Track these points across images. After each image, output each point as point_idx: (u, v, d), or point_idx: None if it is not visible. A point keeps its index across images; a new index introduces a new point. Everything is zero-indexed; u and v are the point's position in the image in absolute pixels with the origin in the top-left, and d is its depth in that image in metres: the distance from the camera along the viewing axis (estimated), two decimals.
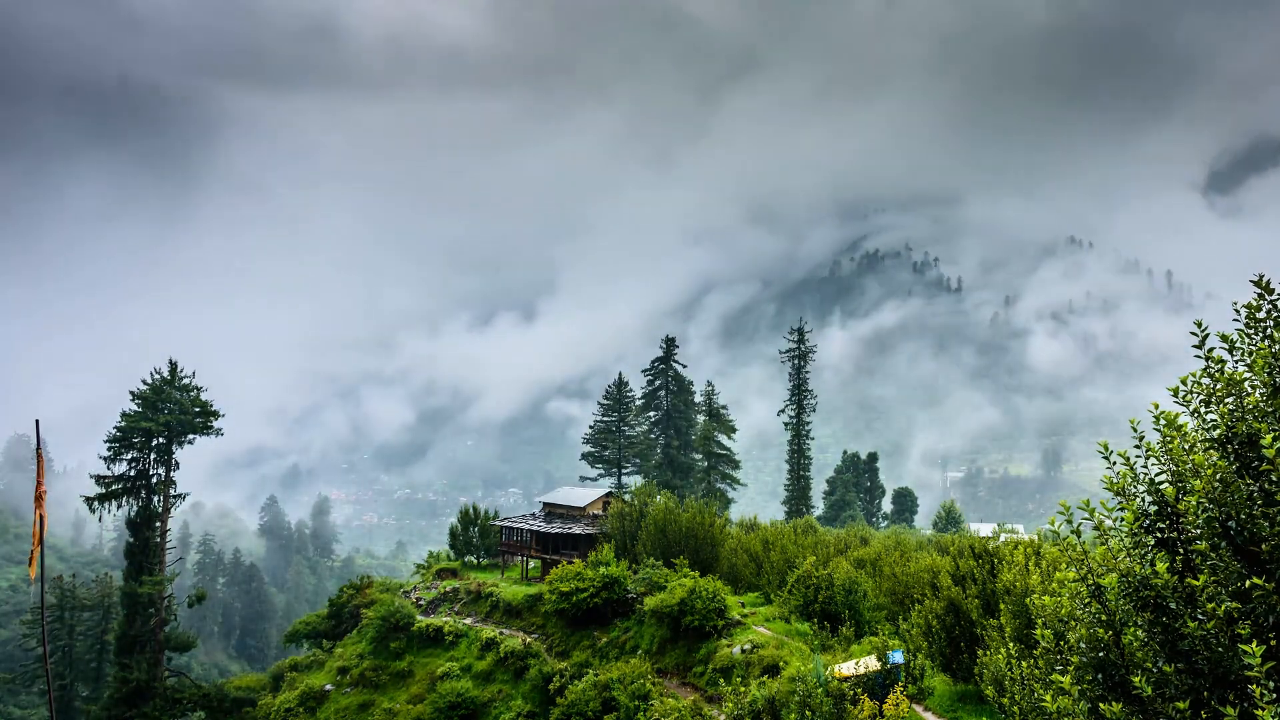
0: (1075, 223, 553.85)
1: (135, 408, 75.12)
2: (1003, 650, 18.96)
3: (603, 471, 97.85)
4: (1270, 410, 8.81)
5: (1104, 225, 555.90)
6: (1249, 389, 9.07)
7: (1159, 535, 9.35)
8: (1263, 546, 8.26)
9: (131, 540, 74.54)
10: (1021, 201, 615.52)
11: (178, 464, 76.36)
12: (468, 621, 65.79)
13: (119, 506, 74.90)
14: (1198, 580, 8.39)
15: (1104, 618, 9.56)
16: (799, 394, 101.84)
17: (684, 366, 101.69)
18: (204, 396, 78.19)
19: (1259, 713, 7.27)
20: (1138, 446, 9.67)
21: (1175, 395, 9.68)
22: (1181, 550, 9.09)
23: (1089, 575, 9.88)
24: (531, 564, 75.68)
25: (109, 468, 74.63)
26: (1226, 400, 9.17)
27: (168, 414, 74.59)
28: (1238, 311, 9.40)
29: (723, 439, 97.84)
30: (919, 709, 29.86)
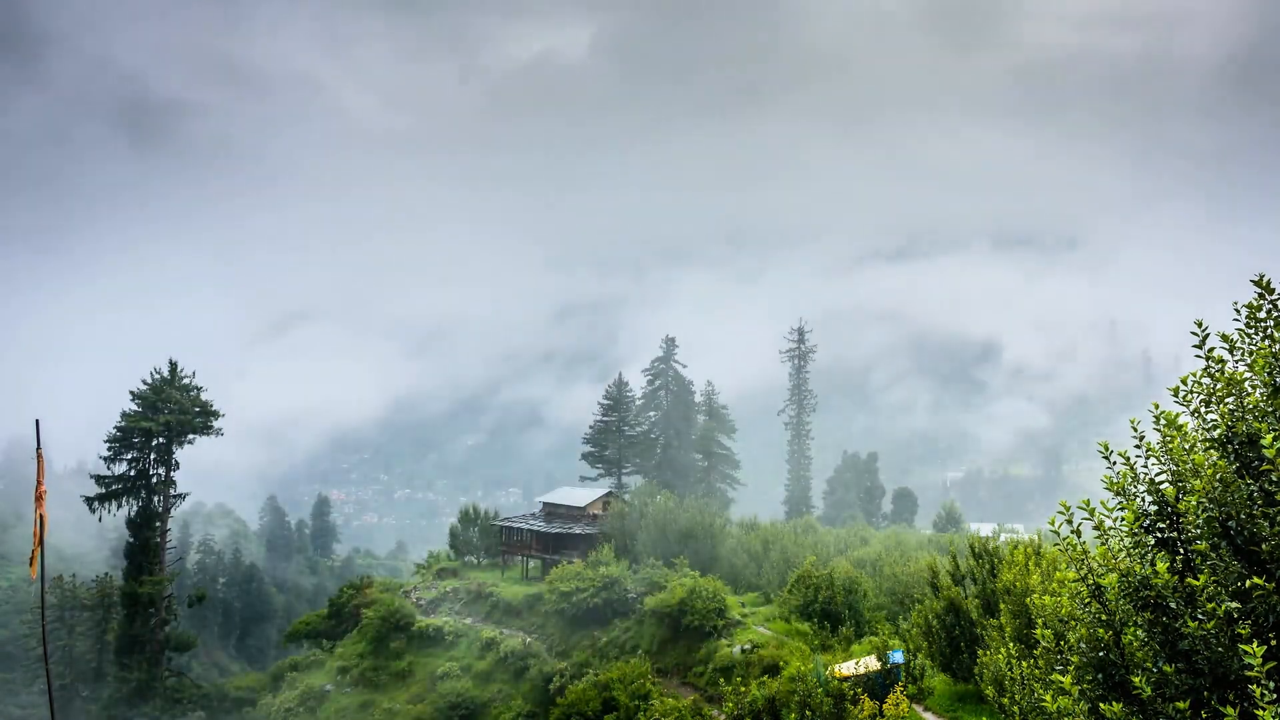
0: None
1: (135, 408, 75.12)
2: (1003, 650, 18.96)
3: (603, 471, 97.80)
4: (1270, 410, 8.81)
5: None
6: (1249, 389, 9.07)
7: (1159, 535, 9.34)
8: (1263, 546, 8.26)
9: (131, 540, 74.56)
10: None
11: (178, 464, 76.38)
12: (468, 621, 65.80)
13: (119, 506, 74.89)
14: (1198, 580, 8.39)
15: (1104, 618, 9.56)
16: (799, 394, 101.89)
17: (684, 366, 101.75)
18: (204, 396, 78.20)
19: (1259, 713, 7.27)
20: (1138, 446, 9.67)
21: (1175, 395, 9.68)
22: (1181, 550, 9.09)
23: (1089, 575, 9.87)
24: (531, 564, 75.68)
25: (109, 468, 74.65)
26: (1227, 400, 9.18)
27: (168, 414, 74.58)
28: (1238, 311, 9.40)
29: (723, 439, 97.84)
30: (919, 709, 29.87)
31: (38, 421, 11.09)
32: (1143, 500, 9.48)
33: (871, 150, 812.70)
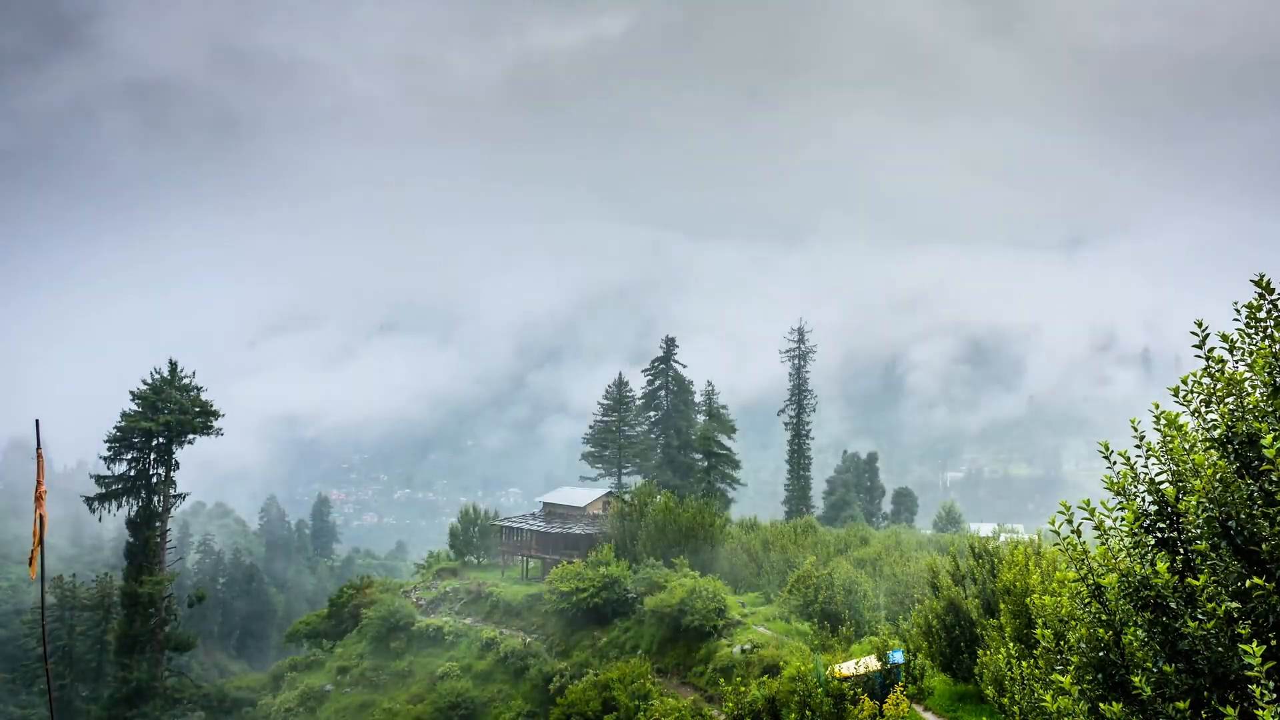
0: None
1: (135, 408, 75.10)
2: (1003, 650, 18.96)
3: (603, 471, 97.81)
4: (1270, 410, 8.81)
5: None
6: (1249, 389, 9.07)
7: (1159, 535, 9.34)
8: (1263, 546, 8.25)
9: (131, 540, 74.50)
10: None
11: (178, 464, 76.32)
12: (468, 621, 65.81)
13: (119, 506, 74.84)
14: (1198, 580, 8.39)
15: (1104, 618, 9.55)
16: (799, 394, 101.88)
17: (684, 366, 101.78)
18: (204, 396, 78.16)
19: (1259, 713, 7.27)
20: (1138, 446, 9.67)
21: (1175, 395, 9.68)
22: (1181, 550, 9.08)
23: (1089, 575, 9.87)
24: (531, 564, 75.69)
25: (109, 468, 74.59)
26: (1227, 400, 9.17)
27: (168, 414, 74.56)
28: (1238, 311, 9.40)
29: (723, 439, 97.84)
30: (919, 709, 29.85)
31: (38, 421, 11.09)
32: (1143, 500, 9.48)
33: (902, 141, 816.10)
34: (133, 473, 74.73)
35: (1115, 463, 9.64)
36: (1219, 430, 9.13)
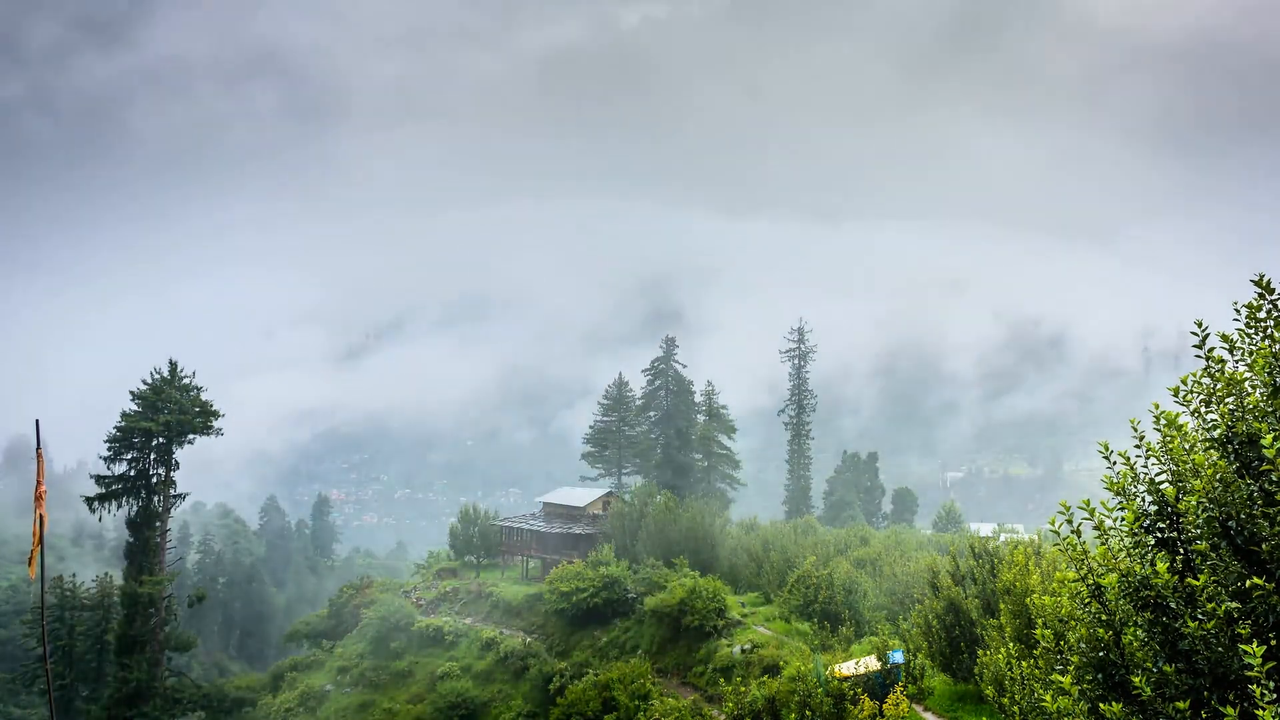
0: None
1: (135, 408, 75.05)
2: (1003, 650, 18.97)
3: (603, 471, 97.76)
4: (1270, 410, 8.80)
5: None
6: (1249, 389, 9.06)
7: (1159, 535, 9.34)
8: (1263, 546, 8.25)
9: (131, 540, 74.44)
10: None
11: (178, 464, 76.24)
12: (468, 621, 65.80)
13: (119, 506, 74.77)
14: (1198, 580, 8.39)
15: (1104, 618, 9.56)
16: (799, 394, 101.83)
17: (684, 366, 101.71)
18: (204, 396, 78.10)
19: (1259, 713, 7.27)
20: (1138, 446, 9.66)
21: (1175, 395, 9.68)
22: (1181, 550, 9.08)
23: (1089, 575, 9.87)
24: (531, 564, 75.67)
25: (109, 468, 74.52)
26: (1227, 400, 9.17)
27: (168, 414, 74.51)
28: (1238, 311, 9.39)
29: (723, 439, 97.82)
30: (919, 709, 29.85)
31: (38, 421, 11.10)
32: (1143, 500, 9.48)
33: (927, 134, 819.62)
34: (133, 473, 74.65)
35: (1115, 463, 9.64)
36: (1219, 430, 9.13)
